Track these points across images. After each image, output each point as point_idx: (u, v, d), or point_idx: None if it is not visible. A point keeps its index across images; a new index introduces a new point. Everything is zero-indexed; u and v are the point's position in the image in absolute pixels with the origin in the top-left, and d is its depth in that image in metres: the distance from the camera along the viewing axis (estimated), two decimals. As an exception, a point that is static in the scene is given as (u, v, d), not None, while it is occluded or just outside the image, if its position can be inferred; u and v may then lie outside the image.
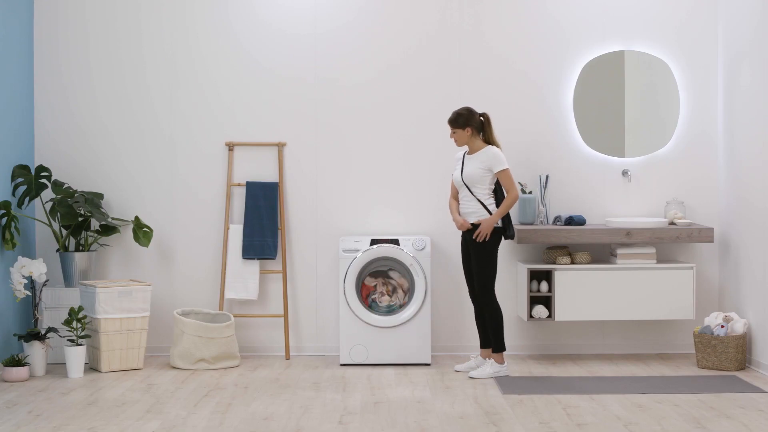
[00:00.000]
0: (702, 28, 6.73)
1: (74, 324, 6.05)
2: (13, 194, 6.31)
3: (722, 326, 6.13)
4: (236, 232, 6.66)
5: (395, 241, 6.45)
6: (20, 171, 6.35)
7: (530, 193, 6.57)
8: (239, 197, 6.73)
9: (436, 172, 6.68)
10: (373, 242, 6.44)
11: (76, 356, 5.99)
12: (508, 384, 5.76)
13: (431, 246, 6.58)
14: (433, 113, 6.68)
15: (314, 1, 6.74)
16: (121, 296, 6.17)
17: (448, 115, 6.07)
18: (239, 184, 6.70)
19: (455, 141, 6.00)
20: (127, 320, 6.20)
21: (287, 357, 6.62)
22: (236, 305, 6.72)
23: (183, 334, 6.26)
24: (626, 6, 6.73)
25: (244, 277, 6.64)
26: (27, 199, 6.38)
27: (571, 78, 6.71)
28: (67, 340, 6.08)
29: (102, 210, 6.52)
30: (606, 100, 6.74)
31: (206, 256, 6.73)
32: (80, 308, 6.03)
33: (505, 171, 5.92)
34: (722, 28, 6.64)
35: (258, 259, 6.66)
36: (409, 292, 6.42)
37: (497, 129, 6.13)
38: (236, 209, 6.74)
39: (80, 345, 6.03)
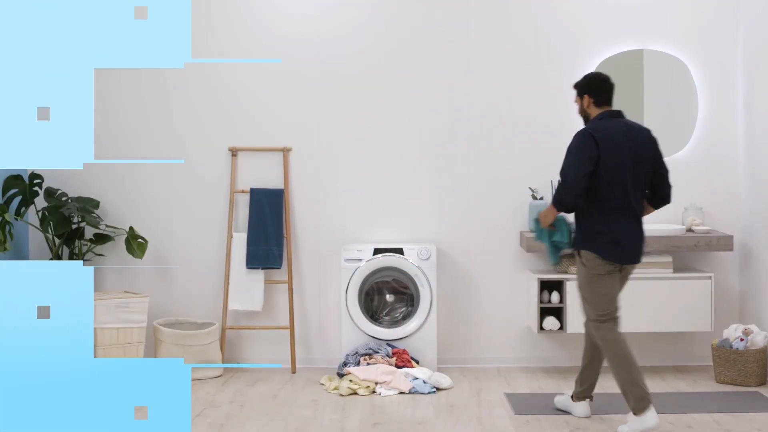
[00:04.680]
0: (722, 27, 6.42)
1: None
2: (7, 205, 6.14)
3: (741, 339, 5.83)
4: (240, 240, 6.47)
5: (399, 251, 6.23)
6: (13, 181, 6.18)
7: (541, 198, 6.31)
8: (243, 205, 6.54)
9: (443, 179, 6.46)
10: (377, 251, 6.23)
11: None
12: (516, 402, 5.52)
13: (437, 255, 6.35)
14: (441, 120, 6.45)
15: (315, 2, 6.53)
16: (117, 308, 6.01)
17: (456, 123, 5.89)
18: (243, 191, 6.50)
19: None
20: (124, 331, 6.02)
21: (293, 371, 6.39)
22: (242, 317, 6.53)
23: (161, 344, 6.11)
24: (642, 5, 6.45)
25: (249, 288, 6.44)
26: (24, 208, 6.23)
27: (584, 79, 6.43)
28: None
29: (94, 215, 6.29)
30: (622, 100, 6.44)
31: (208, 266, 6.55)
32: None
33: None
34: (743, 27, 6.34)
35: (263, 268, 6.46)
36: (414, 301, 6.24)
37: (507, 131, 5.87)
38: (240, 217, 6.55)
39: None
